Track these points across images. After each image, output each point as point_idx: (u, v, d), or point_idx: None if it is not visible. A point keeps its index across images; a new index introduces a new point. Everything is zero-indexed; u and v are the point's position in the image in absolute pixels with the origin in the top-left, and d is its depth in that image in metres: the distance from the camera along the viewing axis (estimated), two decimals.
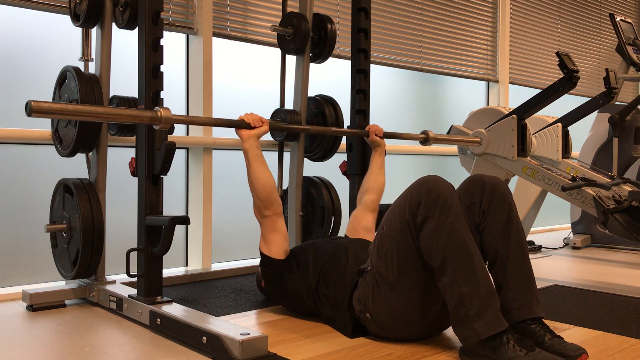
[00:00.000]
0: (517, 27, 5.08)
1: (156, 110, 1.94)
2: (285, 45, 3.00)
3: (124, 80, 2.65)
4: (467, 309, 1.58)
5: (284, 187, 3.13)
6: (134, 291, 2.19)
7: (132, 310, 2.10)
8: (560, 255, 3.75)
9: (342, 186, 3.08)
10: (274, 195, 2.07)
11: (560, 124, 3.40)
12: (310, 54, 3.00)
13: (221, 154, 3.33)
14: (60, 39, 2.80)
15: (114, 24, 2.42)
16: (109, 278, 2.43)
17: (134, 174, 2.15)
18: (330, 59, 3.17)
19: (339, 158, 3.09)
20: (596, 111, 3.86)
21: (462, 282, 1.59)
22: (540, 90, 2.95)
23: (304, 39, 2.90)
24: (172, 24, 3.06)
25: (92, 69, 2.47)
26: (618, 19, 4.05)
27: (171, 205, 3.16)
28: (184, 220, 2.01)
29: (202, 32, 3.10)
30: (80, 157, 2.48)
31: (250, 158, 2.07)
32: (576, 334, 1.94)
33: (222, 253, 3.37)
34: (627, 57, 3.98)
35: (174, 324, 1.89)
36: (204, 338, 1.75)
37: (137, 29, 2.16)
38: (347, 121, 3.04)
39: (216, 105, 3.20)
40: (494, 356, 1.55)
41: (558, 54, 2.79)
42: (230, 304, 2.33)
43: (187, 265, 3.23)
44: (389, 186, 2.58)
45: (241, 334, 1.67)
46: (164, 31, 2.21)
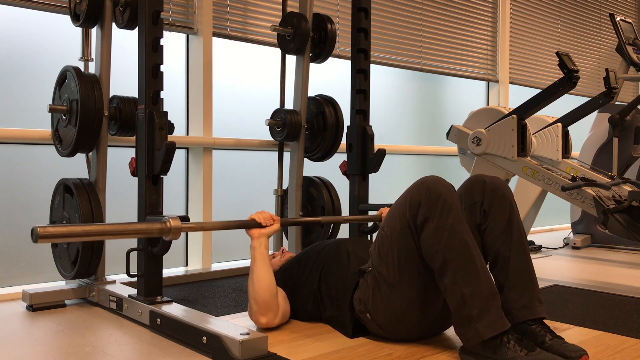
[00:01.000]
0: (517, 27, 5.08)
1: (164, 221, 1.86)
2: (285, 45, 3.00)
3: (124, 80, 2.65)
4: (469, 309, 1.58)
5: (284, 187, 3.13)
6: (134, 291, 2.19)
7: (132, 310, 2.10)
8: (560, 255, 3.75)
9: (342, 186, 3.08)
10: (273, 302, 1.90)
11: (560, 124, 3.40)
12: (310, 54, 3.00)
13: (221, 154, 3.33)
14: (60, 39, 2.80)
15: (114, 24, 2.42)
16: (109, 278, 2.43)
17: (134, 174, 2.15)
18: (330, 59, 3.17)
19: (339, 158, 3.09)
20: (596, 111, 3.86)
21: (464, 283, 1.59)
22: (540, 90, 2.95)
23: (304, 39, 2.90)
24: (172, 24, 3.06)
25: (92, 69, 2.47)
26: (618, 19, 4.05)
27: (171, 205, 3.16)
28: (184, 220, 2.01)
29: (202, 32, 3.10)
30: (80, 157, 2.48)
31: (257, 256, 1.93)
32: (576, 334, 1.94)
33: (222, 253, 3.36)
34: (627, 57, 3.98)
35: (174, 324, 1.89)
36: (204, 338, 1.75)
37: (137, 29, 2.16)
38: (347, 121, 3.04)
39: (216, 105, 3.20)
40: (495, 356, 1.55)
41: (558, 54, 2.79)
42: (230, 304, 2.33)
43: (187, 265, 3.23)
44: (389, 186, 2.58)
45: (241, 334, 1.67)
46: (164, 31, 2.21)
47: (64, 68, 2.37)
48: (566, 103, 4.21)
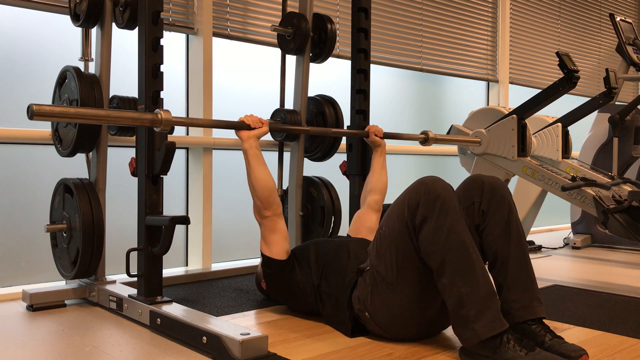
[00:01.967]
0: (517, 27, 5.08)
1: (156, 112, 1.94)
2: (285, 45, 3.00)
3: (124, 80, 2.65)
4: (467, 309, 1.58)
5: (284, 187, 3.13)
6: (134, 291, 2.19)
7: (132, 310, 2.10)
8: (560, 255, 3.75)
9: (342, 186, 3.08)
10: (273, 196, 2.06)
11: (560, 124, 3.40)
12: (310, 54, 3.00)
13: (221, 154, 3.33)
14: (60, 39, 2.80)
15: (114, 24, 2.42)
16: (109, 278, 2.43)
17: (134, 174, 2.15)
18: (330, 59, 3.17)
19: (339, 158, 3.09)
20: (596, 111, 3.86)
21: (462, 283, 1.59)
22: (540, 90, 2.95)
23: (304, 39, 2.90)
24: (172, 24, 3.06)
25: (92, 69, 2.47)
26: (618, 19, 4.05)
27: (171, 205, 3.16)
28: (184, 220, 2.02)
29: (202, 32, 3.10)
30: (80, 157, 2.48)
31: (250, 158, 2.07)
32: (576, 334, 1.94)
33: (222, 253, 3.37)
34: (627, 57, 3.98)
35: (174, 324, 1.89)
36: (204, 338, 1.75)
37: (137, 29, 2.16)
38: (347, 121, 3.04)
39: (216, 105, 3.20)
40: (494, 356, 1.55)
41: (558, 54, 2.79)
42: (230, 304, 2.33)
43: (187, 265, 3.23)
44: (389, 186, 2.58)
45: (241, 334, 1.67)
46: (164, 31, 2.21)
47: (64, 68, 2.38)
48: (566, 103, 4.21)
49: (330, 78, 3.77)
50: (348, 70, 3.04)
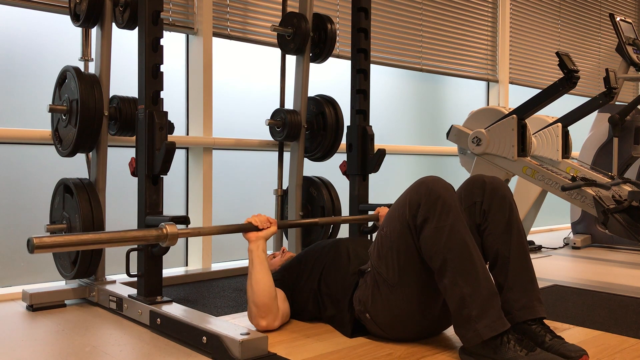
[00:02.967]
0: (517, 27, 5.08)
1: (161, 227, 1.88)
2: (285, 45, 3.00)
3: (124, 80, 2.65)
4: (469, 310, 1.58)
5: (284, 187, 3.13)
6: (134, 291, 2.19)
7: (132, 310, 2.10)
8: (560, 255, 3.75)
9: (342, 186, 3.08)
10: (272, 304, 1.89)
11: (560, 124, 3.40)
12: (310, 54, 3.00)
13: (221, 154, 3.33)
14: (60, 39, 2.80)
15: (114, 24, 2.42)
16: (109, 278, 2.43)
17: (134, 174, 2.15)
18: (330, 59, 3.17)
19: (339, 158, 3.09)
20: (596, 111, 3.85)
21: (463, 283, 1.59)
22: (540, 90, 2.95)
23: (304, 39, 2.90)
24: (172, 24, 3.06)
25: (92, 69, 2.47)
26: (618, 19, 4.05)
27: (171, 205, 3.16)
28: (184, 220, 2.01)
29: (202, 32, 3.10)
30: (80, 157, 2.48)
31: (255, 260, 1.93)
32: (576, 334, 1.94)
33: (222, 253, 3.36)
34: (627, 57, 3.98)
35: (174, 324, 1.89)
36: (204, 338, 1.75)
37: (137, 29, 2.16)
38: (347, 121, 3.04)
39: (216, 105, 3.20)
40: (495, 356, 1.55)
41: (558, 54, 2.79)
42: (230, 304, 2.33)
43: (187, 265, 3.23)
44: (388, 186, 2.58)
45: (241, 334, 1.67)
46: (164, 31, 2.21)
47: (64, 68, 2.37)
48: (566, 103, 4.21)
49: (330, 78, 3.77)
50: (348, 70, 3.04)
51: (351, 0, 3.01)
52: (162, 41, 2.14)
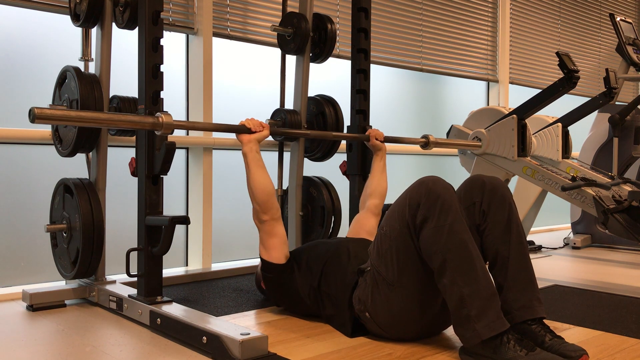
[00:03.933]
0: (517, 27, 5.08)
1: (157, 115, 1.94)
2: (285, 45, 3.00)
3: (124, 80, 2.65)
4: (468, 309, 1.58)
5: (284, 187, 3.13)
6: (134, 291, 2.19)
7: (132, 310, 2.10)
8: (560, 255, 3.75)
9: (342, 186, 3.08)
10: (272, 200, 2.05)
11: (560, 124, 3.40)
12: (310, 54, 3.00)
13: (221, 154, 3.33)
14: (60, 39, 2.80)
15: (114, 24, 2.42)
16: (109, 278, 2.43)
17: (134, 174, 2.15)
18: (330, 59, 3.17)
19: (339, 158, 3.09)
20: (596, 111, 3.86)
21: (463, 283, 1.59)
22: (540, 90, 2.95)
23: (304, 39, 2.90)
24: (172, 24, 3.06)
25: (92, 69, 2.47)
26: (618, 19, 4.05)
27: (171, 205, 3.16)
28: (184, 220, 2.02)
29: (202, 32, 3.10)
30: (80, 157, 2.48)
31: (250, 162, 2.07)
32: (576, 334, 1.94)
33: (222, 253, 3.37)
34: (627, 57, 3.98)
35: (174, 324, 1.89)
36: (204, 338, 1.75)
37: (137, 29, 2.16)
38: (347, 121, 3.04)
39: (216, 105, 3.20)
40: (494, 356, 1.55)
41: (558, 54, 2.79)
42: (230, 304, 2.33)
43: (187, 265, 3.23)
44: (389, 186, 2.58)
45: (241, 334, 1.67)
46: (164, 31, 2.21)
47: (64, 68, 2.37)
48: (566, 103, 4.22)
49: (330, 78, 3.77)
50: (348, 70, 3.04)
51: (351, 0, 3.01)
52: (162, 41, 2.14)
